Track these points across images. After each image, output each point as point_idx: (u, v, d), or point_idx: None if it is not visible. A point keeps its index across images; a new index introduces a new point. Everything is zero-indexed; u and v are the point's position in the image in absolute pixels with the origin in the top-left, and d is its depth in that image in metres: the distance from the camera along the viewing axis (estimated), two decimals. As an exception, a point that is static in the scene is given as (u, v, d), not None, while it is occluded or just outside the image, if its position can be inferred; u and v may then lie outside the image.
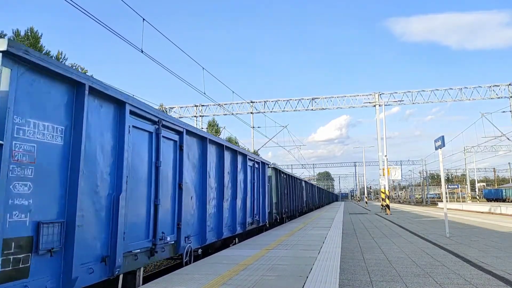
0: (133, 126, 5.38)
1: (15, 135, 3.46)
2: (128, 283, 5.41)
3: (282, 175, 18.65)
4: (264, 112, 36.46)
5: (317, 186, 48.08)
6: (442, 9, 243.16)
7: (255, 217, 12.40)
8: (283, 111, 36.41)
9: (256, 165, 12.74)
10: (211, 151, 8.61)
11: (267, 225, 14.25)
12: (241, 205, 10.73)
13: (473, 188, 74.99)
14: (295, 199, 22.92)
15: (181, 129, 6.92)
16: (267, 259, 6.86)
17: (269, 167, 15.50)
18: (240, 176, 10.80)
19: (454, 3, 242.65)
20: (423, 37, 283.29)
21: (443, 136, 11.56)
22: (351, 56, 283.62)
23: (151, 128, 5.93)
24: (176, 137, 6.82)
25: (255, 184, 12.55)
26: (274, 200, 16.25)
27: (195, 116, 38.20)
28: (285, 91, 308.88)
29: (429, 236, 11.59)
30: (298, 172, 72.90)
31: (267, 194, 14.11)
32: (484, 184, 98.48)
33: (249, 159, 11.71)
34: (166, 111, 37.66)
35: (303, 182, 28.62)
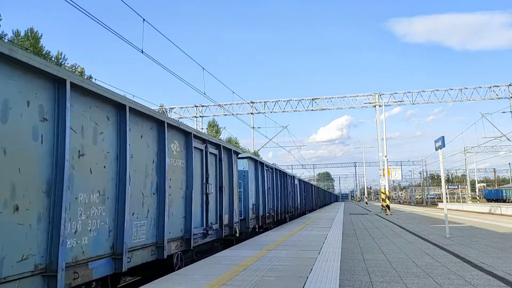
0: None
1: None
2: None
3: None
4: (264, 112, 36.45)
5: (316, 186, 46.91)
6: (445, 9, 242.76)
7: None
8: (283, 111, 36.36)
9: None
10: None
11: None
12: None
13: (473, 189, 74.88)
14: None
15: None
16: (267, 260, 6.85)
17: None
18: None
19: (457, 4, 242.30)
20: (425, 38, 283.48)
21: (443, 137, 11.55)
22: (352, 57, 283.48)
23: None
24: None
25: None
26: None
27: (195, 117, 37.97)
28: (285, 91, 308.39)
29: (429, 237, 11.58)
30: (298, 173, 72.77)
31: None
32: (484, 184, 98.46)
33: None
34: (166, 112, 37.62)
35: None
